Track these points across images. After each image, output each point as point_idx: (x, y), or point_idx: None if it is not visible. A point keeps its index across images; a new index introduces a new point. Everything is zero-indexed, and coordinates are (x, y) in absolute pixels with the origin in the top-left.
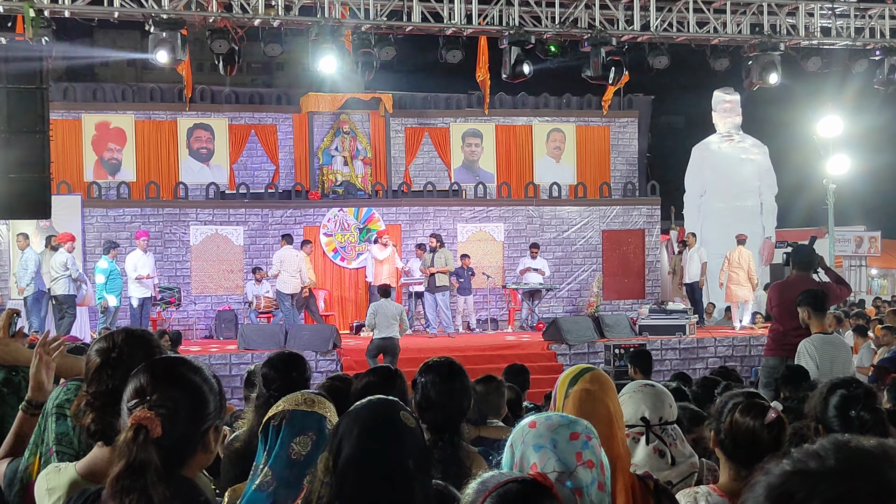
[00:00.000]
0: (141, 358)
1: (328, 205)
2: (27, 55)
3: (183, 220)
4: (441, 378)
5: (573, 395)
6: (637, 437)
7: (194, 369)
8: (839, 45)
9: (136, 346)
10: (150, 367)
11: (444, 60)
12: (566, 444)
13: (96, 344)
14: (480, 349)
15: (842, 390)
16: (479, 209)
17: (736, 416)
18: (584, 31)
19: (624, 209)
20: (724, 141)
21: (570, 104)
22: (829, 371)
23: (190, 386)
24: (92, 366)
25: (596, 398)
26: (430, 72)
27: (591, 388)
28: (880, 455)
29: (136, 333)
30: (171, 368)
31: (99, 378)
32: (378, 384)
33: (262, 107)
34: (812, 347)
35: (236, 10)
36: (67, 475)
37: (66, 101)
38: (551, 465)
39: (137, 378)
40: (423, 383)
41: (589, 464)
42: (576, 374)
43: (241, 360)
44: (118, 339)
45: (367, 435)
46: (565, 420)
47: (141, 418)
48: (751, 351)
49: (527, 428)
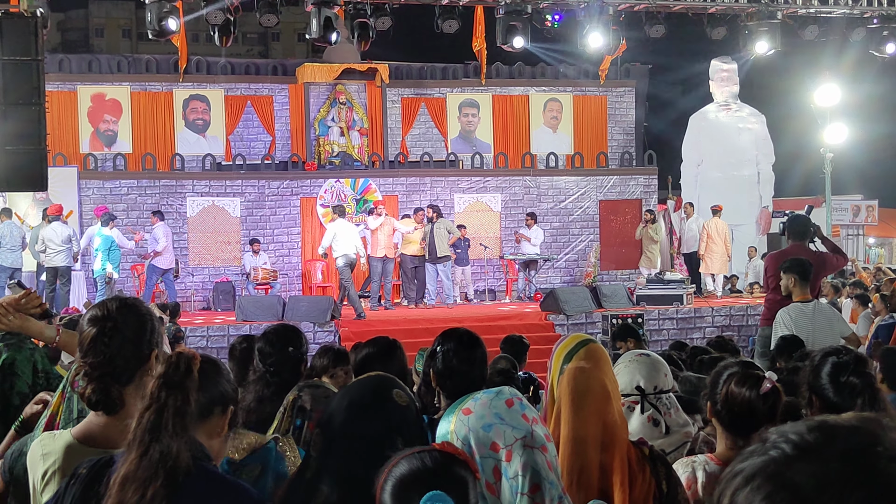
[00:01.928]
0: (134, 326)
1: (325, 176)
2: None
3: (179, 191)
4: (462, 346)
5: (568, 373)
6: (632, 405)
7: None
8: (836, 14)
9: (128, 315)
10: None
11: (440, 30)
12: (508, 412)
13: (89, 313)
14: (478, 320)
15: (833, 358)
16: (475, 179)
17: (731, 387)
18: (580, 0)
19: (621, 179)
20: (722, 110)
21: (567, 74)
22: (808, 341)
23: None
24: (87, 336)
25: (590, 375)
26: (427, 42)
27: (586, 365)
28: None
29: (129, 302)
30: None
31: (95, 348)
32: (377, 355)
33: (258, 77)
34: (788, 317)
35: None
36: (63, 440)
37: (62, 73)
38: (511, 435)
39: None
40: (443, 352)
41: (534, 421)
42: (571, 349)
43: (238, 331)
44: (112, 307)
45: (357, 410)
46: (490, 393)
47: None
48: (748, 321)
49: (464, 416)
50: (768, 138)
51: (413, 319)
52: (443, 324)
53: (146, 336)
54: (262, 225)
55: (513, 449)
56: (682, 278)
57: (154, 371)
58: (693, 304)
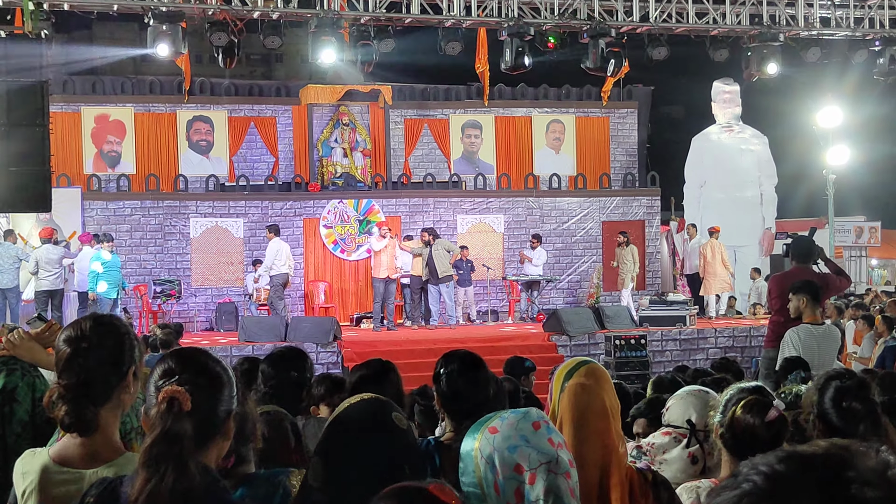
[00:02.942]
0: (111, 345)
1: (328, 196)
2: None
3: (183, 212)
4: (466, 367)
5: (568, 390)
6: (679, 437)
7: (214, 359)
8: (839, 36)
9: (105, 334)
10: (176, 354)
11: (443, 52)
12: (534, 435)
13: (64, 332)
14: (481, 341)
15: (836, 382)
16: (478, 200)
17: (737, 412)
18: (583, 23)
19: (624, 200)
20: (724, 131)
21: (570, 95)
22: (813, 363)
23: (212, 371)
24: (62, 356)
25: (591, 392)
26: (430, 63)
27: (587, 382)
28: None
29: (104, 320)
30: (195, 356)
31: (70, 369)
32: (371, 377)
33: (262, 99)
34: (797, 337)
35: (235, 2)
36: (40, 459)
37: (66, 94)
38: (535, 458)
39: (165, 362)
40: (447, 373)
41: (559, 446)
42: (571, 367)
43: (241, 352)
44: (86, 327)
45: (358, 436)
46: (518, 414)
47: (173, 391)
48: (751, 342)
49: (490, 435)
50: (771, 160)
51: (416, 340)
52: (445, 345)
53: (124, 354)
54: (264, 246)
55: (537, 472)
56: (684, 299)
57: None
58: (696, 326)
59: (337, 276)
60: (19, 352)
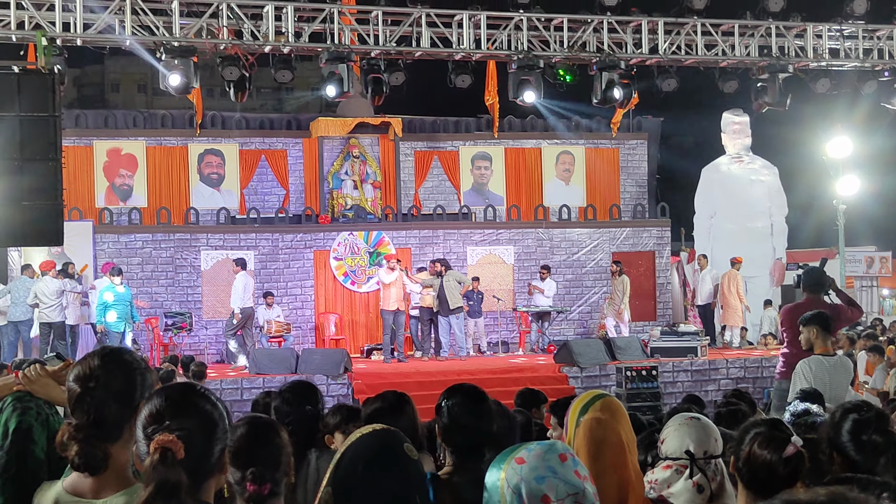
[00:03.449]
0: (120, 381)
1: (338, 228)
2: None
3: (194, 245)
4: (469, 400)
5: (584, 424)
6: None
7: (203, 396)
8: (848, 67)
9: (114, 370)
10: (163, 394)
11: (453, 85)
12: (562, 466)
13: (73, 370)
14: (491, 372)
15: (853, 415)
16: (488, 232)
17: (754, 448)
18: (592, 55)
19: (634, 231)
20: (734, 162)
21: (579, 126)
22: (826, 395)
23: (202, 410)
24: (72, 395)
25: (607, 426)
26: (439, 95)
27: (602, 416)
28: None
29: (113, 355)
30: (184, 395)
31: (80, 408)
32: (387, 410)
33: (273, 132)
34: (808, 369)
35: (247, 37)
36: (54, 491)
37: (78, 128)
38: (563, 490)
39: (152, 404)
40: (449, 406)
41: (585, 479)
42: (587, 401)
43: (252, 384)
44: (94, 364)
45: (373, 469)
46: (545, 445)
47: (165, 442)
48: (763, 372)
49: (517, 465)
50: (781, 190)
51: (426, 372)
52: (455, 376)
53: (134, 389)
54: (275, 278)
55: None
56: (696, 330)
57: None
58: (708, 356)
59: (347, 307)
60: (35, 388)
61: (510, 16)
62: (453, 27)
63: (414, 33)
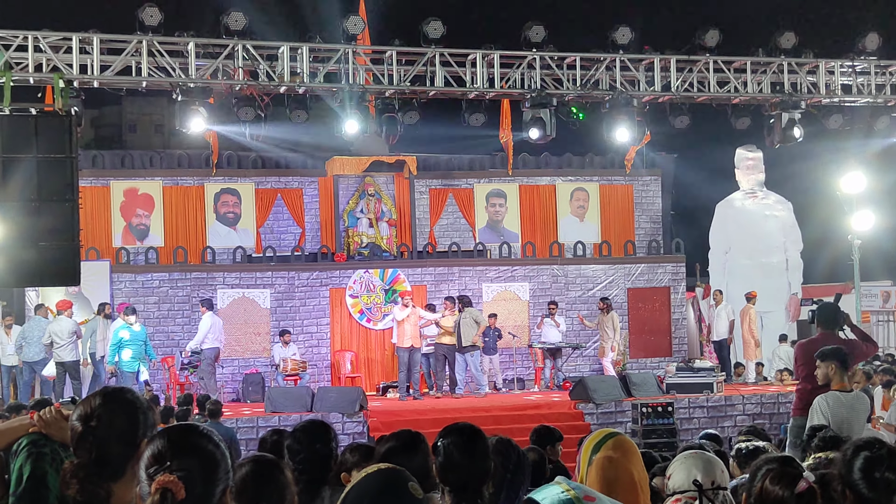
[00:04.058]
0: (122, 420)
1: (354, 266)
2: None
3: (210, 283)
4: (463, 439)
5: (596, 463)
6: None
7: (205, 436)
8: (860, 103)
9: (115, 409)
10: (165, 435)
11: (467, 123)
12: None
13: (76, 410)
14: (507, 409)
15: (865, 452)
16: (503, 269)
17: (766, 484)
18: (605, 93)
19: (649, 267)
20: (748, 197)
21: (593, 163)
22: (843, 431)
23: (203, 451)
24: (75, 434)
25: (619, 465)
26: (454, 134)
27: (614, 455)
28: None
29: (114, 395)
30: (185, 435)
31: (83, 447)
32: (401, 448)
33: (288, 171)
34: (825, 405)
35: (262, 77)
36: None
37: (95, 169)
38: None
39: (155, 445)
40: (445, 445)
41: None
42: (599, 440)
43: (268, 423)
44: (95, 403)
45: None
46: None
47: (165, 482)
48: (779, 408)
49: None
50: (795, 225)
51: (441, 410)
52: (471, 414)
53: (136, 428)
54: (291, 316)
55: None
56: (711, 366)
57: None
58: (724, 392)
59: (363, 345)
60: (51, 430)
61: (523, 55)
62: (467, 66)
63: (428, 72)
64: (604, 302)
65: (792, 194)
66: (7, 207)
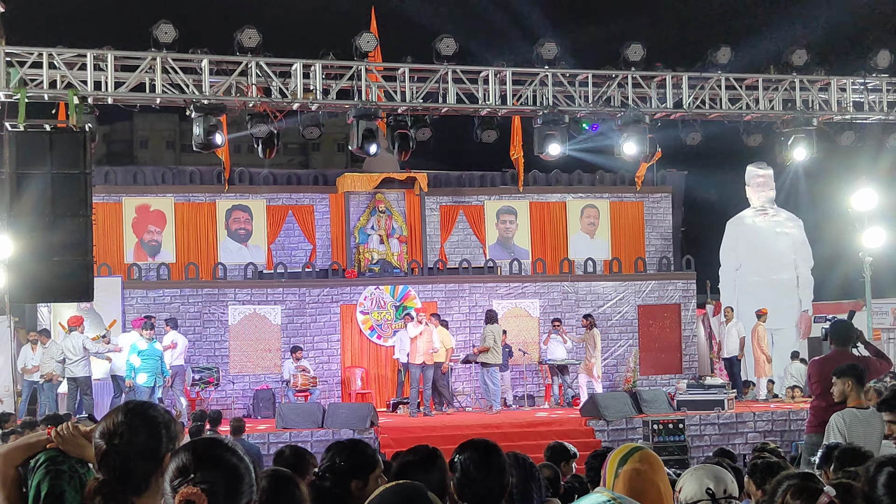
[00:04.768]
0: (144, 436)
1: (364, 283)
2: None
3: (221, 300)
4: (480, 454)
5: (623, 475)
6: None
7: (230, 449)
8: (872, 120)
9: (137, 425)
10: (191, 448)
11: (478, 140)
12: None
13: (99, 426)
14: (518, 426)
15: (889, 468)
16: (514, 285)
17: (787, 499)
18: (616, 110)
19: (659, 284)
20: (759, 215)
21: (604, 180)
22: None
23: (227, 464)
24: (99, 451)
25: (646, 478)
26: (465, 150)
27: (642, 467)
28: None
29: (136, 411)
30: (210, 448)
31: (106, 464)
32: (418, 464)
33: (299, 188)
34: (842, 422)
35: (275, 94)
36: None
37: (107, 185)
38: None
39: (179, 458)
40: (461, 461)
41: None
42: (625, 453)
43: (279, 438)
44: (118, 420)
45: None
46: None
47: (189, 494)
48: (790, 426)
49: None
50: (806, 242)
51: (452, 426)
52: (481, 430)
53: (159, 443)
54: (302, 332)
55: None
56: (722, 383)
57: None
58: (735, 409)
59: (374, 361)
60: (68, 447)
61: (535, 72)
62: (479, 83)
63: (440, 89)
64: (587, 319)
65: (803, 211)
66: (21, 223)
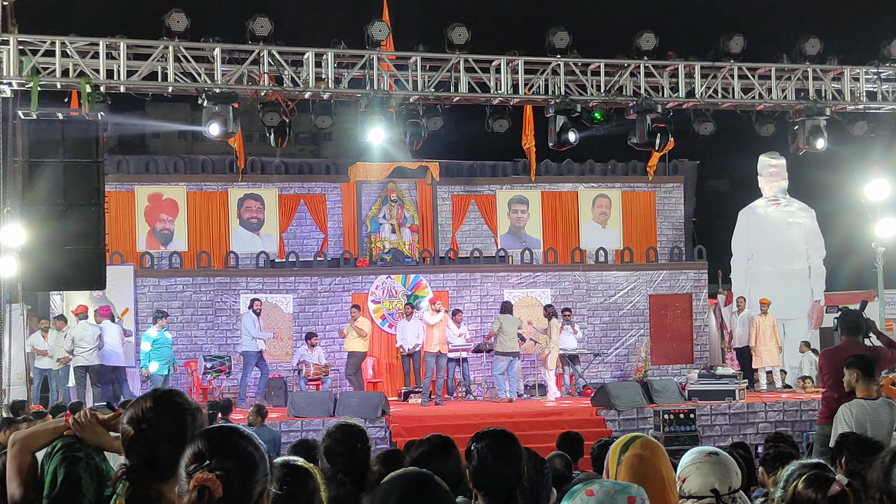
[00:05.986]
0: (170, 422)
1: (376, 272)
2: (83, 129)
3: (233, 288)
4: (496, 443)
5: (626, 461)
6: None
7: (246, 437)
8: (885, 109)
9: (164, 412)
10: (206, 435)
11: (490, 129)
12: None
13: (127, 413)
14: (529, 415)
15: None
16: (525, 275)
17: (799, 487)
18: (629, 99)
19: (671, 273)
20: (771, 205)
21: (616, 170)
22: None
23: (243, 452)
24: (126, 437)
25: (648, 464)
26: (477, 140)
27: (643, 453)
28: None
29: (164, 398)
30: (226, 436)
31: (134, 450)
32: (433, 453)
33: (311, 177)
34: (850, 413)
35: (287, 83)
36: None
37: (120, 174)
38: None
39: (195, 444)
40: (478, 449)
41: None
42: (627, 441)
43: (290, 427)
44: (146, 406)
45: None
46: (619, 486)
47: (203, 479)
48: (802, 416)
49: (585, 496)
50: (818, 232)
51: (464, 416)
52: (493, 419)
53: (186, 430)
54: (313, 321)
55: None
56: (733, 373)
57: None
58: (746, 399)
59: (385, 350)
60: (86, 434)
61: (547, 61)
62: (491, 72)
63: (452, 79)
64: (547, 309)
65: (815, 202)
66: (34, 211)
